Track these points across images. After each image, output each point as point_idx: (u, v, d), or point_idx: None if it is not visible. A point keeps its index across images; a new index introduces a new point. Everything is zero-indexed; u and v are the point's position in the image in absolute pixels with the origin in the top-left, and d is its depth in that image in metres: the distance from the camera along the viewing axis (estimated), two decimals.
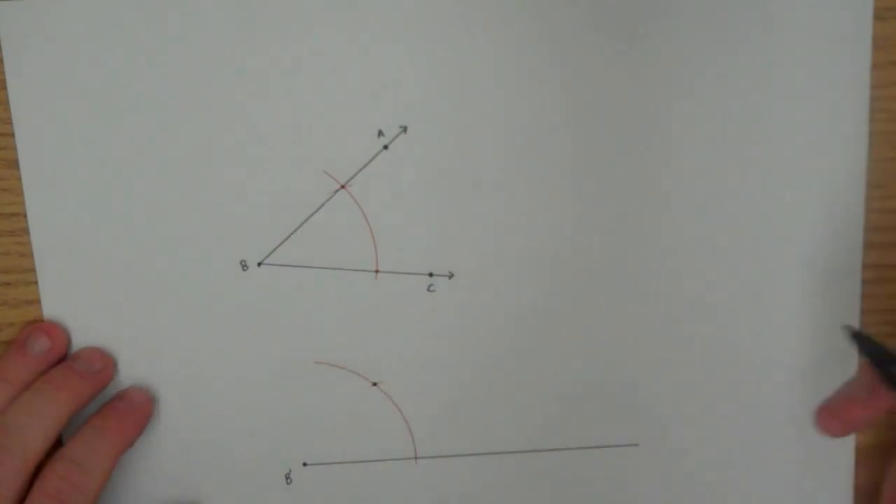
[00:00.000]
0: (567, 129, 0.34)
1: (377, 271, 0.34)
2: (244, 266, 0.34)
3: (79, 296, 0.33)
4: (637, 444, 0.35)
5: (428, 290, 0.34)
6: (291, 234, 0.34)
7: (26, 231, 0.33)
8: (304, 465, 0.35)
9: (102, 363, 0.33)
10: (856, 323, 0.35)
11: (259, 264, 0.34)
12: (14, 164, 0.33)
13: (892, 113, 0.34)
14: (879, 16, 0.33)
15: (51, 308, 0.34)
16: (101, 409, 0.33)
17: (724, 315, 0.35)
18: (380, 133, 0.33)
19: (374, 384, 0.35)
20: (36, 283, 0.34)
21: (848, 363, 0.35)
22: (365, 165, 0.34)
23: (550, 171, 0.34)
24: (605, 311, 0.35)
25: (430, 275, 0.34)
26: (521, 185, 0.34)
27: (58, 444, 0.32)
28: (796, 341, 0.35)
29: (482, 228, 0.34)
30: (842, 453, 0.36)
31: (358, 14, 0.33)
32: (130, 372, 0.34)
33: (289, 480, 0.34)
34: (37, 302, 0.34)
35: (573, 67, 0.33)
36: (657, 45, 0.33)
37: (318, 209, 0.34)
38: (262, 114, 0.33)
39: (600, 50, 0.33)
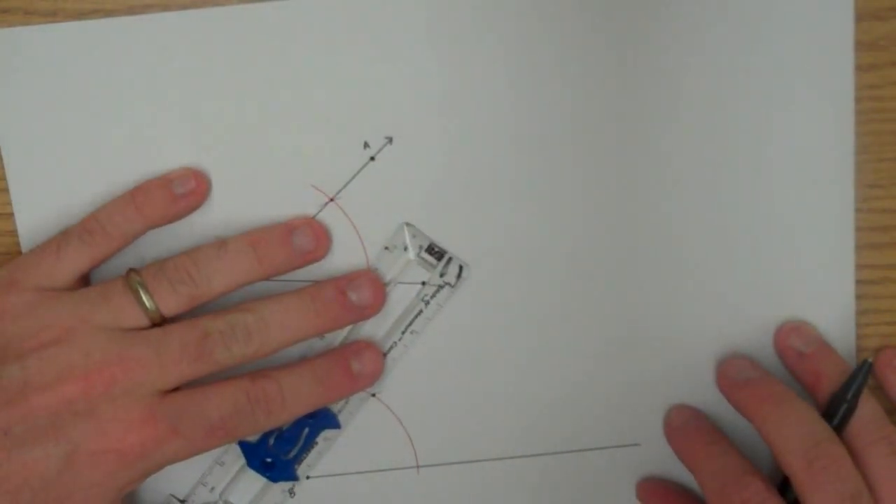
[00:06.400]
0: (553, 136, 0.33)
1: None
2: None
3: None
4: (637, 444, 0.35)
5: (422, 299, 0.34)
6: None
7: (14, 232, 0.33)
8: (308, 478, 0.35)
9: (374, 296, 0.32)
10: (852, 323, 0.35)
11: None
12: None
13: (893, 113, 0.34)
14: (879, 16, 0.33)
15: None
16: (331, 356, 0.32)
17: (725, 315, 0.34)
18: (366, 145, 0.33)
19: (373, 395, 0.35)
20: None
21: None
22: (353, 177, 0.33)
23: (540, 177, 0.34)
24: (601, 313, 0.34)
25: (423, 283, 0.34)
26: (511, 192, 0.34)
27: None
28: None
29: (473, 236, 0.34)
30: None
31: (340, 26, 0.32)
32: None
33: (292, 494, 0.35)
34: None
35: (558, 75, 0.33)
36: (647, 52, 0.33)
37: None
38: (247, 130, 0.33)
39: (585, 59, 0.33)
